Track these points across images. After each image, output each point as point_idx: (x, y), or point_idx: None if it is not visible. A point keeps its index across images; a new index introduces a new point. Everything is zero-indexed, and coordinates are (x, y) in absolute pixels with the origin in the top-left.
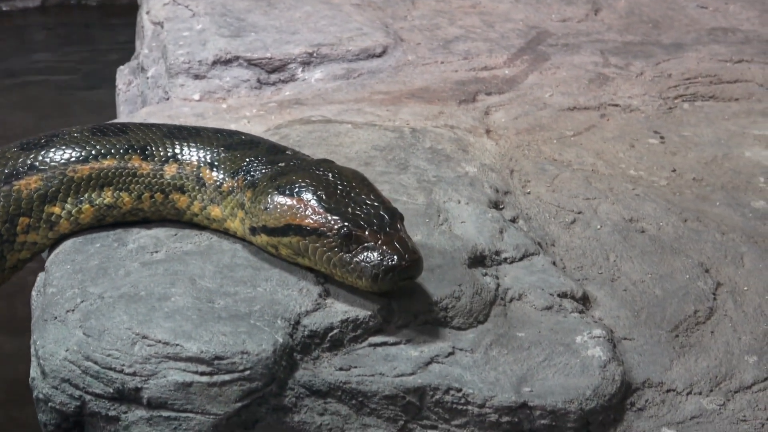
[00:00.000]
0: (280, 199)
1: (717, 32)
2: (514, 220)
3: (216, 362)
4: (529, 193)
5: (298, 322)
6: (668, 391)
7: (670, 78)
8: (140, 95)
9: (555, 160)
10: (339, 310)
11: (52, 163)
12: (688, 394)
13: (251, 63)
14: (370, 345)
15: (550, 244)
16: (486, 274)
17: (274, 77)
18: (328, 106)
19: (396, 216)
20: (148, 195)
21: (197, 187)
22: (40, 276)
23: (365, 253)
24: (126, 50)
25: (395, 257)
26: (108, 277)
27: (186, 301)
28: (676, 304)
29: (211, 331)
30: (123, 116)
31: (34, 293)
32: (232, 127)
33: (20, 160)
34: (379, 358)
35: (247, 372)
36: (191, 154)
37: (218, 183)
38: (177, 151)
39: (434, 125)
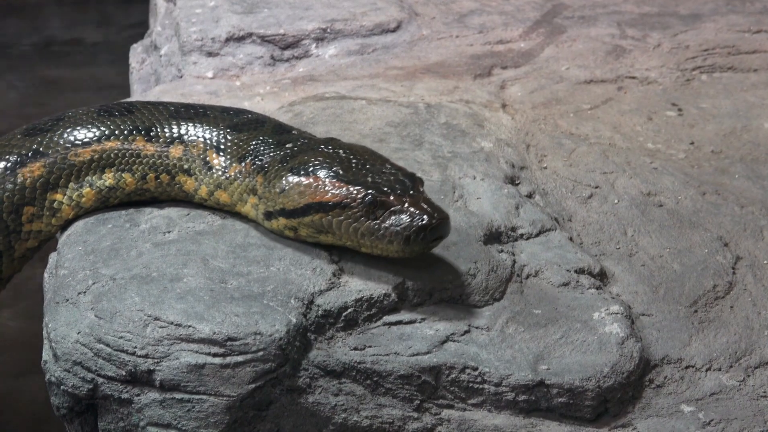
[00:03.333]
0: (297, 180)
1: (735, 2)
2: (530, 196)
3: (229, 343)
4: (545, 167)
5: (311, 302)
6: (687, 367)
7: (687, 49)
8: (153, 73)
9: (572, 134)
10: (353, 288)
11: (56, 148)
12: (707, 371)
13: (264, 39)
14: (384, 324)
15: (566, 219)
16: (502, 251)
17: (287, 54)
18: (342, 83)
19: (416, 179)
20: (153, 176)
21: (204, 170)
22: (52, 257)
23: (393, 218)
24: (139, 28)
25: (425, 217)
26: (120, 258)
27: (198, 282)
28: (694, 279)
29: (223, 312)
30: (136, 95)
31: (46, 275)
32: (246, 104)
33: (25, 146)
34: (394, 337)
35: (261, 353)
36: (197, 136)
37: (224, 167)
38: (183, 132)
39: (449, 100)
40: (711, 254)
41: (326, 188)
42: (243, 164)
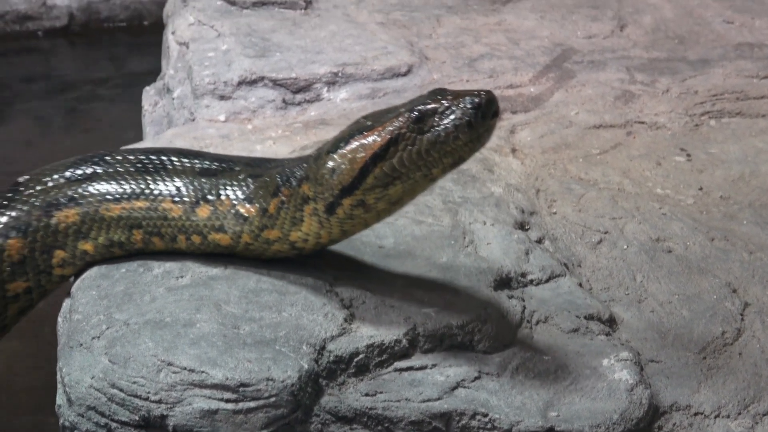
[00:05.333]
0: (340, 155)
1: (743, 48)
2: (540, 241)
3: (241, 389)
4: (555, 213)
5: (323, 348)
6: (696, 414)
7: (696, 94)
8: (166, 116)
9: (581, 179)
10: (364, 334)
11: (90, 198)
12: (716, 418)
13: (276, 83)
14: (395, 370)
15: (576, 265)
16: (512, 297)
17: (299, 97)
18: None
19: (442, 88)
20: (183, 237)
21: (239, 222)
22: (66, 302)
23: (445, 117)
24: (152, 71)
25: (472, 98)
26: (133, 303)
27: (211, 327)
28: (703, 326)
29: (236, 358)
30: (149, 137)
31: (60, 319)
32: (257, 148)
33: (62, 190)
34: (405, 383)
35: (273, 399)
36: (223, 194)
37: (263, 209)
38: (207, 191)
39: None
40: (719, 300)
41: (370, 140)
42: (280, 195)
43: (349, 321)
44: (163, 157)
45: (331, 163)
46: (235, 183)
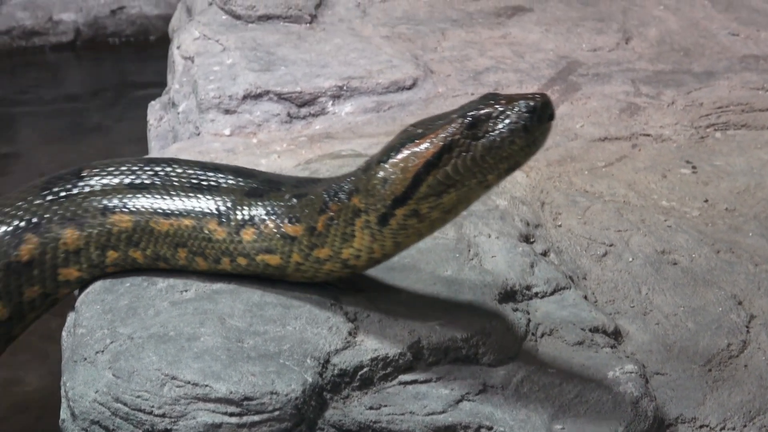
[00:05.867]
0: (391, 165)
1: (749, 60)
2: (545, 254)
3: (245, 403)
4: (560, 225)
5: (327, 361)
6: (701, 426)
7: (701, 107)
8: (171, 130)
9: (586, 191)
10: (369, 347)
11: (143, 209)
12: (721, 430)
13: (281, 97)
14: (400, 383)
15: (581, 277)
16: (517, 310)
17: (304, 111)
18: (358, 140)
19: (493, 92)
20: (227, 260)
21: (287, 242)
22: (70, 316)
23: (499, 122)
24: (158, 85)
25: (527, 101)
26: (137, 317)
27: (215, 341)
28: (708, 338)
29: (240, 372)
30: (154, 152)
31: (64, 334)
32: (262, 162)
33: (120, 195)
34: (410, 397)
35: (277, 412)
36: (267, 216)
37: (310, 228)
38: (252, 213)
39: None
40: (725, 313)
41: (422, 148)
42: (328, 211)
43: (354, 334)
44: (219, 175)
45: (382, 173)
46: (280, 204)
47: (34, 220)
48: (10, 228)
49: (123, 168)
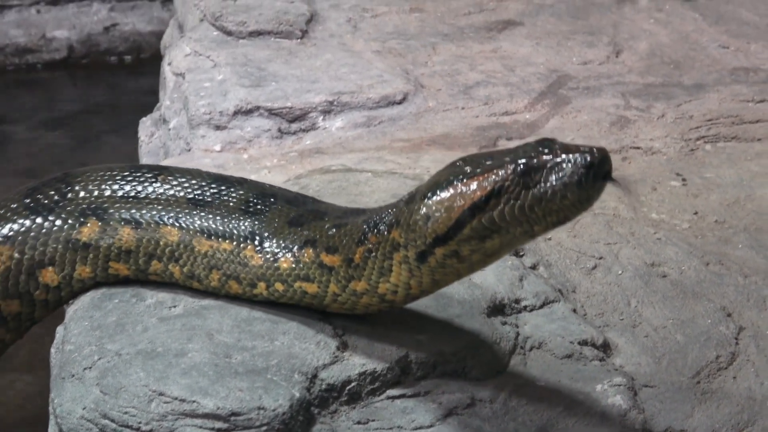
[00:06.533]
0: (436, 202)
1: (739, 72)
2: (534, 267)
3: (233, 418)
4: (549, 239)
5: (315, 376)
6: None
7: (691, 119)
8: (162, 146)
9: None
10: (357, 362)
11: (192, 226)
12: None
13: (272, 113)
14: (388, 397)
15: (570, 290)
16: (505, 323)
17: (294, 126)
18: (348, 155)
19: (549, 138)
20: (264, 285)
21: (325, 272)
22: (59, 332)
23: (553, 173)
24: (150, 102)
25: (586, 156)
26: (125, 334)
27: (203, 357)
28: (697, 350)
29: (227, 387)
30: None
31: (53, 350)
32: (253, 177)
33: (178, 208)
34: (398, 411)
35: (264, 428)
36: (305, 244)
37: (348, 259)
38: (290, 242)
39: None
40: (714, 325)
41: (470, 188)
42: (366, 243)
43: (342, 349)
44: (271, 200)
45: (425, 210)
46: (319, 234)
47: None
48: None
49: (193, 179)
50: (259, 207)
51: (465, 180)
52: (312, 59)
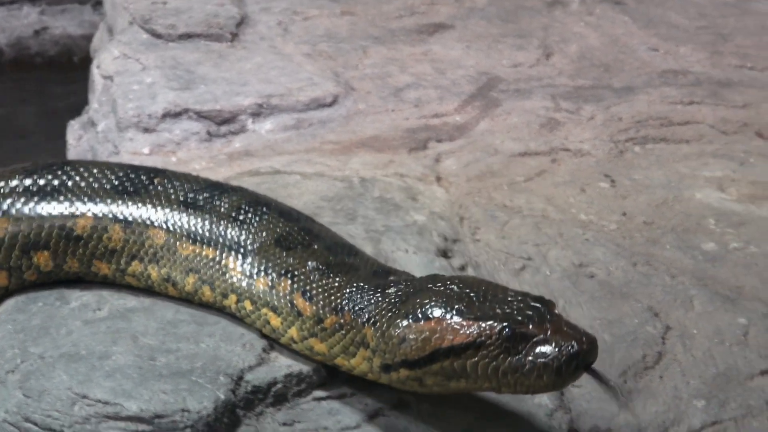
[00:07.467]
0: (416, 327)
1: (668, 74)
2: (462, 269)
3: (156, 421)
4: (478, 240)
5: (241, 378)
6: None
7: (620, 121)
8: (90, 150)
9: (505, 206)
10: (282, 364)
11: (179, 229)
12: None
13: (201, 115)
14: (314, 399)
15: None
16: None
17: (224, 129)
18: (277, 157)
19: (548, 302)
20: (234, 298)
21: (293, 314)
22: None
23: (537, 349)
24: (80, 105)
25: (573, 343)
26: (49, 337)
27: (127, 360)
28: (624, 350)
29: (151, 390)
30: None
31: None
32: None
33: (169, 208)
34: (324, 412)
35: (188, 430)
36: (285, 273)
37: (318, 318)
38: (271, 264)
39: (384, 174)
40: (641, 324)
41: (453, 329)
42: (341, 316)
43: (268, 351)
44: (264, 211)
45: (402, 331)
46: (301, 269)
47: None
48: None
49: (193, 186)
50: (248, 217)
51: (451, 317)
52: (242, 62)
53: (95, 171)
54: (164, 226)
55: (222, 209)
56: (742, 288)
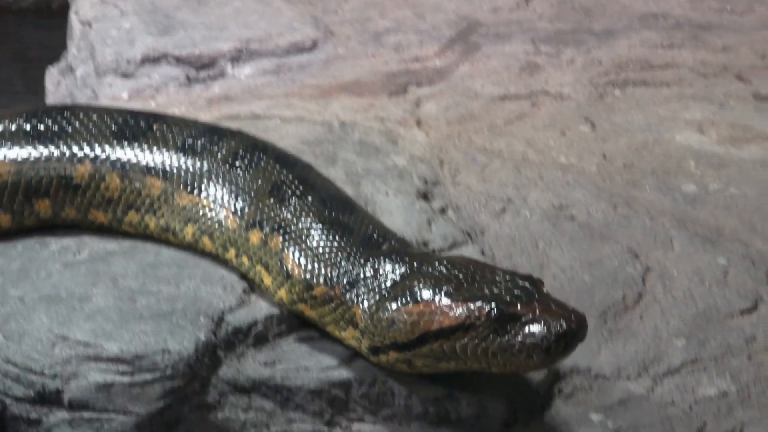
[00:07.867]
0: (405, 310)
1: (648, 18)
2: (443, 211)
3: (137, 362)
4: (458, 183)
5: (221, 319)
6: (596, 376)
7: (601, 65)
8: (69, 95)
9: (485, 149)
10: (263, 305)
11: (176, 179)
12: (616, 379)
13: (180, 60)
14: (294, 340)
15: (479, 233)
16: None
17: (203, 74)
18: (257, 102)
19: (536, 281)
20: (234, 252)
21: (282, 274)
22: None
23: (526, 329)
24: (58, 51)
25: (562, 321)
26: (29, 280)
27: (107, 301)
28: (604, 290)
29: (132, 331)
30: None
31: None
32: None
33: (167, 154)
34: (304, 353)
35: (169, 370)
36: (277, 228)
37: (307, 283)
38: (264, 217)
39: (364, 118)
40: (621, 265)
41: (442, 311)
42: (330, 288)
43: (248, 293)
44: (260, 155)
45: (390, 315)
46: (294, 226)
47: None
48: None
49: (191, 128)
50: (246, 162)
51: (440, 300)
52: (221, 7)
53: (95, 117)
54: (161, 176)
55: (219, 155)
56: (721, 229)
